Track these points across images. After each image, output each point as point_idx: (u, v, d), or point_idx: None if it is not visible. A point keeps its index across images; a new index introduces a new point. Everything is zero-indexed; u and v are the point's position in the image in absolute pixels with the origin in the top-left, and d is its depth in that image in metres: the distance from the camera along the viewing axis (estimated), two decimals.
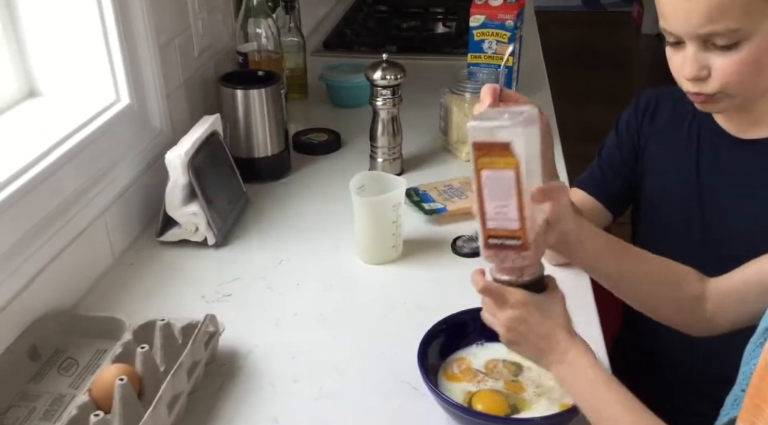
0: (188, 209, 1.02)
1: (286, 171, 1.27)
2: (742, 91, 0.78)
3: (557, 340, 0.65)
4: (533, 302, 0.66)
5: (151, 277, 0.99)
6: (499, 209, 0.64)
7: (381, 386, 0.81)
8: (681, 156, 0.90)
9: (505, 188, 0.63)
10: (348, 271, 1.02)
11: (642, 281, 0.75)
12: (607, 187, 0.99)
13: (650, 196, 0.96)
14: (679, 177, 0.91)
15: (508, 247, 0.65)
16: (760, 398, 0.55)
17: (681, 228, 0.92)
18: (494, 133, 0.62)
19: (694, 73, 0.77)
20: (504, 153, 0.62)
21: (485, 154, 0.63)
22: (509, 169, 0.63)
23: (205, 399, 0.78)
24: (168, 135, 1.14)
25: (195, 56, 1.27)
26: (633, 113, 0.97)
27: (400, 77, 1.20)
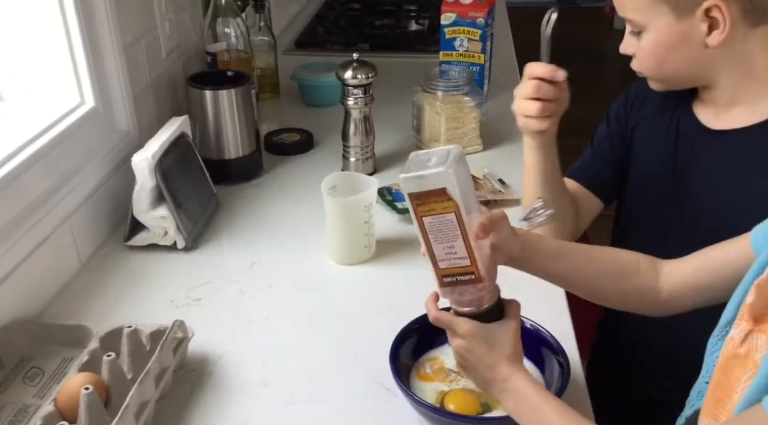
0: (156, 213, 1.01)
1: (258, 172, 1.25)
2: (652, 74, 0.89)
3: (500, 370, 0.66)
4: (480, 333, 0.67)
5: (119, 282, 0.97)
6: (448, 250, 0.66)
7: (354, 388, 0.80)
8: (661, 143, 0.94)
9: (449, 231, 0.65)
10: (320, 272, 1.01)
11: (593, 277, 0.77)
12: (598, 176, 1.02)
13: (632, 179, 1.00)
14: (658, 162, 0.95)
15: (463, 282, 0.67)
16: (721, 391, 0.55)
17: (658, 209, 0.95)
18: (427, 181, 0.63)
19: (622, 49, 0.89)
20: (441, 198, 0.63)
21: (423, 203, 0.64)
22: (449, 212, 0.64)
23: (173, 406, 0.77)
24: (135, 137, 1.12)
25: (162, 57, 1.25)
26: (623, 103, 1.01)
27: (371, 76, 1.19)
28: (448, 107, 1.30)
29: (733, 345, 0.58)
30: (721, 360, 0.60)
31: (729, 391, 0.55)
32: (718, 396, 0.57)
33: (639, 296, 0.77)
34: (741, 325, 0.58)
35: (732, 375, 0.57)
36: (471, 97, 1.32)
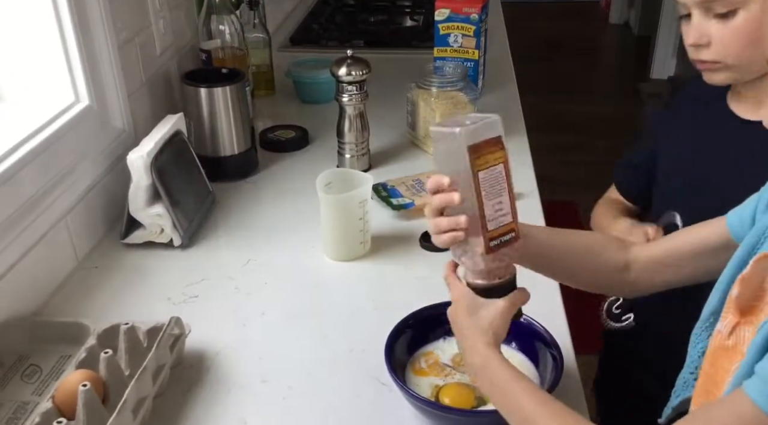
0: (152, 211, 1.01)
1: (254, 169, 1.26)
2: (738, 61, 0.83)
3: (473, 343, 0.67)
4: (466, 301, 0.68)
5: (116, 280, 0.98)
6: (497, 207, 0.65)
7: (350, 383, 0.81)
8: (692, 133, 0.95)
9: (498, 184, 0.64)
10: (316, 269, 1.02)
11: (562, 254, 0.77)
12: (636, 186, 1.05)
13: (661, 169, 1.00)
14: (688, 151, 0.95)
15: (506, 243, 0.66)
16: (711, 383, 0.56)
17: (687, 198, 0.94)
18: (484, 129, 0.63)
19: (695, 40, 0.83)
20: (495, 148, 0.64)
21: (479, 155, 0.63)
22: (499, 163, 0.64)
23: (171, 402, 0.78)
24: (130, 135, 1.13)
25: (157, 55, 1.25)
26: (664, 111, 1.04)
27: (365, 73, 1.19)
28: (443, 102, 1.30)
29: (721, 337, 0.59)
30: (709, 352, 0.61)
31: (718, 382, 0.56)
32: (707, 387, 0.58)
33: (607, 274, 0.78)
34: (728, 318, 0.59)
35: (720, 367, 0.58)
36: (465, 92, 1.32)
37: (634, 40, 4.56)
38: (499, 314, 0.67)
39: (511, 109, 1.50)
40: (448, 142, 0.65)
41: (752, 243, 0.61)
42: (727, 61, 0.84)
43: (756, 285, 0.57)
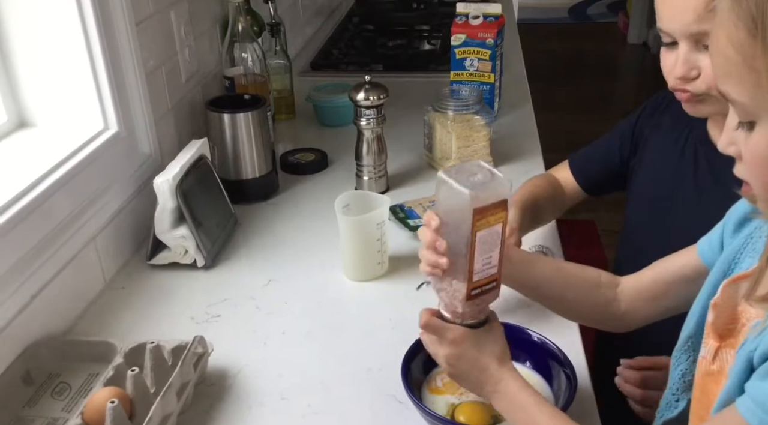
0: (177, 233, 1.04)
1: (274, 191, 1.29)
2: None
3: (490, 373, 0.68)
4: (470, 338, 0.69)
5: (142, 300, 1.01)
6: (485, 261, 0.67)
7: (368, 401, 0.83)
8: (669, 158, 0.95)
9: (493, 241, 0.66)
10: (335, 289, 1.04)
11: (560, 287, 0.79)
12: (593, 173, 1.06)
13: (637, 186, 1.02)
14: (666, 174, 0.96)
15: (486, 292, 0.69)
16: (703, 409, 0.57)
17: (661, 219, 0.96)
18: (490, 194, 0.64)
19: (684, 73, 0.79)
20: (498, 209, 0.65)
21: (482, 217, 0.64)
22: (499, 223, 0.66)
23: (195, 419, 0.80)
24: (157, 160, 1.17)
25: (182, 82, 1.29)
26: (647, 109, 1.02)
27: (383, 97, 1.23)
28: (459, 125, 1.33)
29: (706, 363, 0.60)
30: (697, 379, 0.62)
31: (709, 407, 0.57)
32: (701, 414, 0.59)
33: (600, 309, 0.79)
34: (709, 343, 0.60)
35: (710, 392, 0.58)
36: (481, 115, 1.35)
37: (652, 60, 4.56)
38: (501, 337, 0.70)
39: (526, 129, 1.52)
40: (454, 196, 0.66)
41: (723, 269, 0.62)
42: (713, 92, 0.78)
43: (729, 310, 0.58)
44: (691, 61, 0.78)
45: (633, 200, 1.05)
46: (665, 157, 0.97)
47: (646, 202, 1.01)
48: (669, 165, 0.96)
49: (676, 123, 0.97)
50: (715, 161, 0.89)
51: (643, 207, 1.01)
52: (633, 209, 1.05)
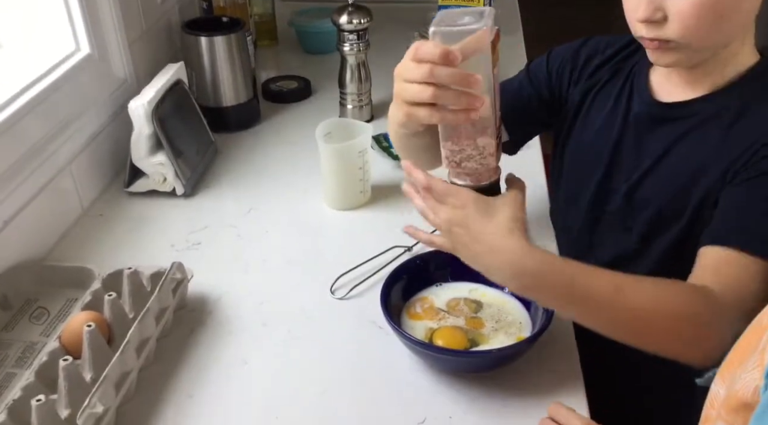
0: (155, 159, 1.02)
1: (256, 120, 1.26)
2: (698, 38, 0.71)
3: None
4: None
5: (121, 227, 1.00)
6: (498, 103, 0.65)
7: (348, 327, 0.83)
8: (604, 113, 0.86)
9: (497, 80, 0.64)
10: (316, 217, 1.03)
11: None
12: (517, 105, 0.90)
13: (570, 146, 0.91)
14: (596, 135, 0.86)
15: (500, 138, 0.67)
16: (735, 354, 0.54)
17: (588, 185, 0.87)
18: (492, 26, 0.61)
19: (649, 14, 0.70)
20: (497, 42, 0.63)
21: (494, 52, 0.62)
22: (497, 59, 0.63)
23: (175, 343, 0.80)
24: (132, 84, 1.13)
25: (158, 3, 1.24)
26: (570, 56, 0.90)
27: (366, 21, 1.18)
28: None
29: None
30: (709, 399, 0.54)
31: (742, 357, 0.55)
32: (731, 358, 0.55)
33: None
34: None
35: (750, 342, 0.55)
36: None
37: None
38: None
39: (516, 59, 1.48)
40: (471, 39, 0.60)
41: None
42: (684, 40, 0.71)
43: None
44: (656, 2, 0.70)
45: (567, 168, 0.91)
46: (600, 113, 0.86)
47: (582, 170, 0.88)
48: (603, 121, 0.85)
49: (614, 77, 0.85)
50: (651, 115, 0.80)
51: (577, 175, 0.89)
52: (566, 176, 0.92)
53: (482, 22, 0.60)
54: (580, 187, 0.87)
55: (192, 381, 0.75)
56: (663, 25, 0.71)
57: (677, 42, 0.71)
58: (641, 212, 0.80)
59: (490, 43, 0.60)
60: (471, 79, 0.61)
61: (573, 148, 0.90)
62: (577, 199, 0.88)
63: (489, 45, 0.60)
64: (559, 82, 0.90)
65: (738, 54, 0.75)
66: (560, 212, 0.94)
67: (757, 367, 0.45)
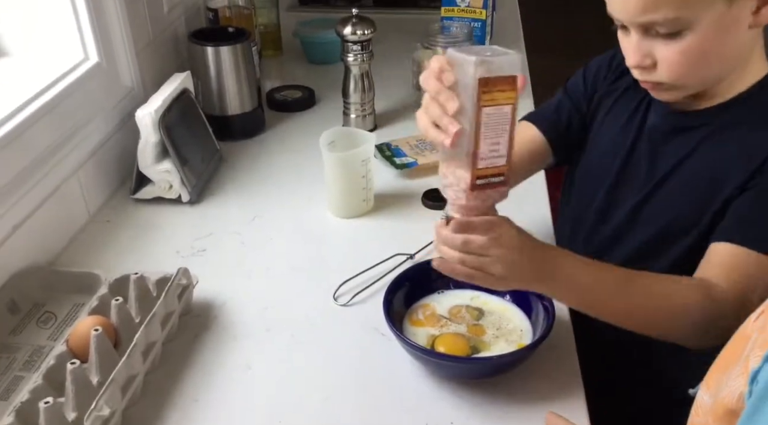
0: (161, 167, 1.04)
1: (260, 128, 1.28)
2: (688, 82, 0.74)
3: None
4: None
5: (127, 233, 1.01)
6: (492, 147, 0.64)
7: (350, 333, 0.84)
8: (619, 122, 0.88)
9: (501, 125, 0.63)
10: (320, 225, 1.05)
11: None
12: (559, 127, 0.93)
13: (584, 155, 0.93)
14: (610, 144, 0.88)
15: (492, 185, 0.65)
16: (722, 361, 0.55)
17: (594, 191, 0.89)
18: (501, 66, 0.61)
19: (637, 62, 0.73)
20: (507, 87, 0.61)
21: (489, 90, 0.61)
22: (508, 104, 0.62)
23: (180, 348, 0.81)
24: (139, 93, 1.14)
25: (164, 13, 1.26)
26: (606, 64, 0.92)
27: (370, 32, 1.20)
28: None
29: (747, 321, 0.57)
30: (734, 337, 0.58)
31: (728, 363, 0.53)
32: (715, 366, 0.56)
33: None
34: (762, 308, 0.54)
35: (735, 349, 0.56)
36: None
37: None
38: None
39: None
40: (461, 69, 0.62)
41: None
42: (676, 83, 0.74)
43: None
44: (643, 49, 0.72)
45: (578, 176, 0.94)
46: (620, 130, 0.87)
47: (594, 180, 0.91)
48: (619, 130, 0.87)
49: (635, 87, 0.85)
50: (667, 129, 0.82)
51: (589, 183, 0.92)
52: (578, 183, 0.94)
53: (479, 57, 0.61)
54: (588, 203, 0.89)
55: (197, 386, 0.76)
56: (653, 71, 0.74)
57: (669, 84, 0.74)
58: (647, 226, 0.82)
59: (476, 79, 0.60)
60: (449, 102, 0.63)
61: (585, 162, 0.92)
62: (585, 210, 0.90)
63: (475, 81, 0.61)
64: (595, 90, 0.92)
65: (747, 72, 0.76)
66: (566, 228, 0.96)
67: (742, 374, 0.46)
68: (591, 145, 0.92)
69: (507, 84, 0.61)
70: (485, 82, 0.61)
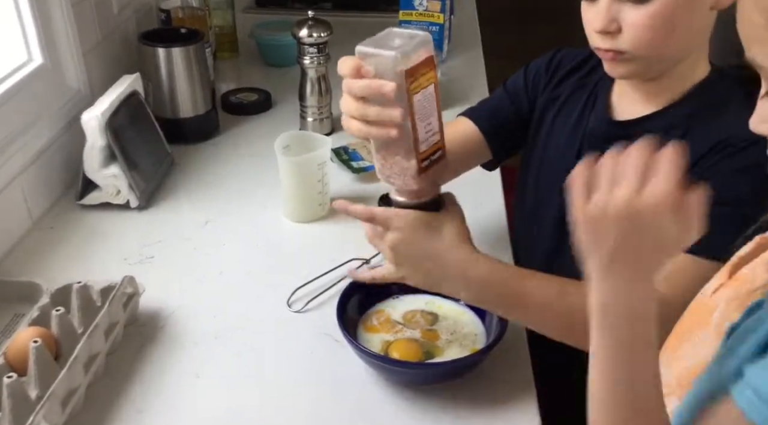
0: (108, 172, 1.00)
1: (214, 132, 1.25)
2: (651, 50, 0.73)
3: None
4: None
5: (72, 241, 0.98)
6: (427, 128, 0.65)
7: (304, 340, 0.83)
8: (566, 128, 0.88)
9: (429, 105, 0.64)
10: (275, 230, 1.03)
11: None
12: (499, 126, 0.93)
13: (534, 159, 0.93)
14: (557, 149, 0.88)
15: (435, 162, 0.66)
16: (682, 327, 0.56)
17: (548, 195, 0.89)
18: (416, 54, 0.62)
19: (604, 25, 0.73)
20: (427, 69, 0.63)
21: (415, 78, 0.62)
22: (431, 84, 0.63)
23: (125, 359, 0.79)
24: (86, 96, 1.11)
25: (114, 13, 1.23)
26: (545, 66, 0.93)
27: (326, 35, 1.19)
28: None
29: (703, 296, 0.57)
30: (690, 308, 0.59)
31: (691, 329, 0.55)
32: (668, 344, 0.57)
33: None
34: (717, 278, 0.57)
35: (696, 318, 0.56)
36: None
37: None
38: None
39: (475, 74, 1.50)
40: (380, 64, 0.62)
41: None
42: (637, 52, 0.73)
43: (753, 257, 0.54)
44: (611, 13, 0.72)
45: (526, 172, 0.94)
46: (562, 127, 0.88)
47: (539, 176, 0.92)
48: (563, 136, 0.87)
49: (577, 90, 0.87)
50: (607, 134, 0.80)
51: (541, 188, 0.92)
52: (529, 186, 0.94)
53: (396, 50, 0.61)
54: (545, 206, 0.89)
55: (142, 396, 0.74)
56: (617, 37, 0.74)
57: (631, 53, 0.74)
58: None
59: (402, 73, 0.61)
60: (384, 89, 0.62)
61: (537, 164, 0.92)
62: (540, 215, 0.90)
63: (401, 75, 0.61)
64: (535, 94, 0.93)
65: (695, 69, 0.77)
66: (523, 230, 0.96)
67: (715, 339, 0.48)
68: (543, 148, 0.92)
69: (426, 66, 0.63)
70: (410, 73, 0.62)
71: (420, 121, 0.64)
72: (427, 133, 0.65)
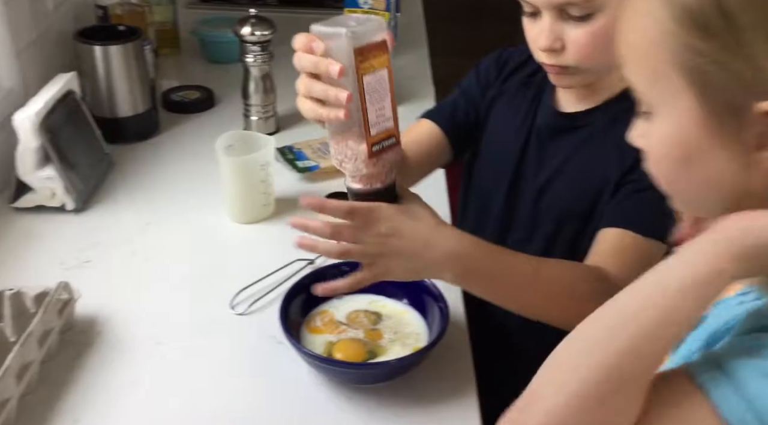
0: (42, 173, 0.97)
1: (154, 131, 1.23)
2: (594, 64, 0.77)
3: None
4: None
5: (5, 245, 0.94)
6: (379, 112, 0.65)
7: (248, 343, 0.82)
8: (514, 122, 0.91)
9: (381, 89, 0.64)
10: (218, 231, 1.01)
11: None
12: (458, 125, 0.95)
13: (480, 155, 0.96)
14: (504, 144, 0.91)
15: (387, 148, 0.66)
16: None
17: (495, 188, 0.92)
18: (369, 34, 0.62)
19: (549, 44, 0.75)
20: (380, 52, 0.63)
21: (365, 58, 0.62)
22: (383, 67, 0.64)
23: (60, 367, 0.76)
24: (19, 95, 1.07)
25: (49, 9, 1.19)
26: (494, 63, 0.96)
27: (269, 33, 1.18)
28: None
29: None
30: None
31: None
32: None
33: None
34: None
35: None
36: None
37: None
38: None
39: (420, 72, 1.51)
40: (331, 42, 0.63)
41: None
42: (582, 66, 0.77)
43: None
44: (555, 32, 0.75)
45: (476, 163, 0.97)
46: (509, 121, 0.90)
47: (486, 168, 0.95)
48: (511, 129, 0.90)
49: (524, 86, 0.90)
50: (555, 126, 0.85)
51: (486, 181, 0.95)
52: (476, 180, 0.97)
53: (348, 28, 0.62)
54: (489, 198, 0.91)
55: (78, 406, 0.72)
56: (562, 54, 0.77)
57: (575, 67, 0.77)
58: (547, 216, 0.85)
59: (351, 51, 0.61)
60: (331, 65, 0.62)
61: (485, 157, 0.94)
62: (486, 210, 0.92)
63: (350, 53, 0.62)
64: (487, 90, 0.95)
65: None
66: (469, 222, 0.97)
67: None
68: (486, 147, 0.94)
69: (379, 49, 0.63)
70: (360, 52, 0.62)
71: (371, 104, 0.64)
72: (379, 118, 0.65)
